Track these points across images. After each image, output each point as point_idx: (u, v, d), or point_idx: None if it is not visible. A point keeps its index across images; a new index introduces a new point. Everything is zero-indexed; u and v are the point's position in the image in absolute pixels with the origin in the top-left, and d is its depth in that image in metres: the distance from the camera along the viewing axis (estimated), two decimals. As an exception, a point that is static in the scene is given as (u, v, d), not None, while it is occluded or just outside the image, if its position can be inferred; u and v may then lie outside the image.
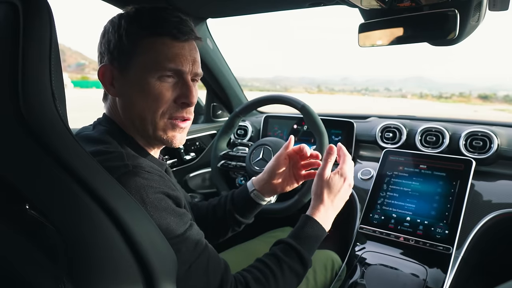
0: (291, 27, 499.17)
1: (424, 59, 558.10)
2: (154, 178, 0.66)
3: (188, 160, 1.57)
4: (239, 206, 0.98)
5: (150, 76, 0.69)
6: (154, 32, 0.69)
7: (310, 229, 0.81)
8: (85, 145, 0.67)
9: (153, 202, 0.63)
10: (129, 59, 0.70)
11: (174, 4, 1.26)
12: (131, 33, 0.69)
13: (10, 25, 0.46)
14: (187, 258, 0.65)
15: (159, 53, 0.69)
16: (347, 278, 1.08)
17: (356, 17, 1.04)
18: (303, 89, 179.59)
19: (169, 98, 0.71)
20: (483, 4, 0.85)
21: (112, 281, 0.49)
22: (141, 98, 0.70)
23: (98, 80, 0.73)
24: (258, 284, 0.72)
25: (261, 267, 0.75)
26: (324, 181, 0.85)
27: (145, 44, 0.69)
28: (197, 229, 0.71)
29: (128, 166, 0.64)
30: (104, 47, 0.72)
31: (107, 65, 0.72)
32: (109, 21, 0.73)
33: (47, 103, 0.47)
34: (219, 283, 0.68)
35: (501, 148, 1.21)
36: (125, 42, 0.69)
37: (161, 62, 0.69)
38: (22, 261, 0.45)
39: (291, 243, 0.78)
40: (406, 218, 1.15)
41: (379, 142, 1.42)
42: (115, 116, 0.75)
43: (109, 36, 0.71)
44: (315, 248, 0.82)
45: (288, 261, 0.76)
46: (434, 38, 0.94)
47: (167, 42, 0.70)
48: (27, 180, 0.47)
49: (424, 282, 1.01)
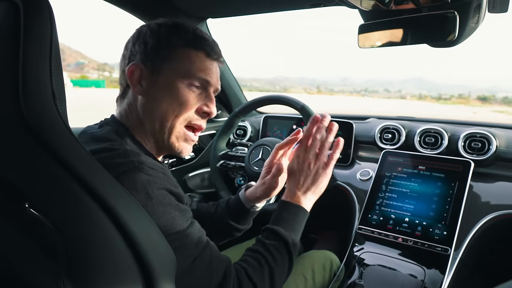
0: (291, 27, 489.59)
1: (424, 61, 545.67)
2: (158, 174, 0.67)
3: (187, 159, 1.57)
4: (235, 216, 1.00)
5: (180, 82, 0.75)
6: (190, 45, 0.76)
7: (285, 212, 0.81)
8: (90, 143, 0.70)
9: (158, 197, 0.65)
10: (163, 63, 0.75)
11: (175, 4, 1.26)
12: (170, 40, 0.75)
13: (11, 24, 0.46)
14: (191, 252, 0.67)
15: (193, 63, 0.76)
16: (346, 279, 1.08)
17: (356, 18, 1.05)
18: (302, 90, 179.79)
19: (192, 106, 0.77)
20: (482, 6, 0.85)
21: (111, 280, 0.49)
22: (167, 100, 0.75)
23: (98, 80, 0.73)
24: (253, 268, 0.74)
25: (251, 254, 0.77)
26: (295, 162, 0.84)
27: (181, 53, 0.76)
28: (198, 226, 0.73)
29: (134, 162, 0.65)
30: (139, 48, 0.76)
31: (138, 64, 0.75)
32: (145, 26, 0.78)
33: (48, 103, 0.47)
34: (223, 275, 0.70)
35: (500, 149, 1.21)
36: (163, 47, 0.75)
37: (192, 71, 0.76)
38: (21, 259, 0.45)
39: (270, 227, 0.80)
40: (405, 219, 1.15)
41: (378, 143, 1.42)
42: (125, 119, 0.78)
43: (146, 39, 0.76)
44: (297, 226, 0.81)
45: (272, 243, 0.78)
46: (434, 40, 0.95)
47: (201, 56, 0.77)
48: (27, 179, 0.47)
49: (422, 283, 1.01)
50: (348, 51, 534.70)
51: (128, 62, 0.76)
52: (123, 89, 0.80)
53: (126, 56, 0.78)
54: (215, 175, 1.41)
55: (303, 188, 0.82)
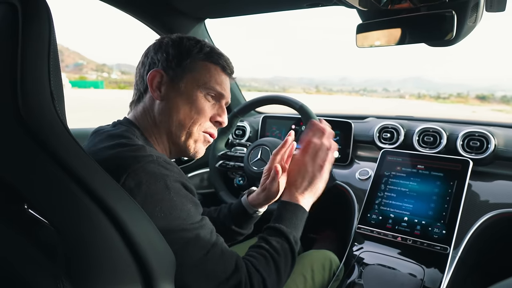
0: (290, 27, 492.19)
1: (423, 60, 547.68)
2: (174, 169, 0.70)
3: (187, 160, 1.57)
4: (238, 221, 1.02)
5: (199, 91, 0.82)
6: (210, 59, 0.83)
7: (285, 211, 0.84)
8: (105, 139, 0.73)
9: (176, 189, 0.68)
10: (184, 72, 0.81)
11: (173, 5, 1.26)
12: (191, 52, 0.82)
13: (9, 26, 0.46)
14: (205, 244, 0.69)
15: (211, 75, 0.83)
16: (345, 278, 1.08)
17: (354, 17, 1.05)
18: (301, 90, 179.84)
19: (207, 114, 0.84)
20: (480, 5, 0.85)
21: (111, 280, 0.49)
22: (185, 106, 0.81)
23: (96, 80, 0.74)
24: (259, 261, 0.76)
25: (256, 249, 0.79)
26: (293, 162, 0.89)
27: (201, 65, 0.82)
28: (209, 221, 0.75)
29: (153, 156, 0.68)
30: (161, 56, 0.82)
31: (159, 71, 0.81)
32: (166, 37, 0.85)
33: (46, 103, 0.47)
34: (234, 267, 0.71)
35: (498, 148, 1.21)
36: (185, 58, 0.81)
37: (211, 83, 0.83)
38: (20, 260, 0.45)
39: (272, 225, 0.83)
40: (404, 218, 1.15)
41: (377, 143, 1.42)
42: (139, 121, 0.83)
43: (168, 49, 0.82)
44: (297, 223, 0.84)
45: (275, 239, 0.80)
46: (432, 39, 0.95)
47: (218, 70, 0.84)
48: (26, 180, 0.47)
49: (422, 282, 1.01)
50: (346, 51, 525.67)
51: (148, 69, 0.82)
52: (139, 94, 0.85)
53: (146, 63, 0.83)
54: (214, 175, 1.41)
55: (300, 189, 0.85)
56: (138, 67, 0.86)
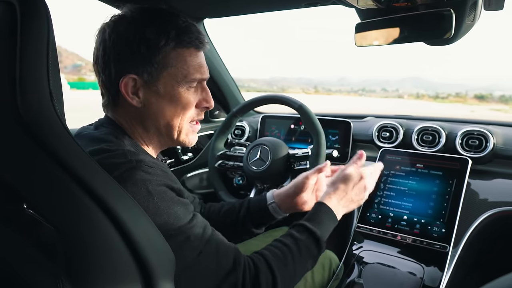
0: (288, 27, 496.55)
1: (421, 60, 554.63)
2: (157, 172, 0.67)
3: (186, 160, 1.57)
4: (253, 215, 1.00)
5: (180, 87, 0.74)
6: (181, 45, 0.73)
7: (323, 214, 0.83)
8: (88, 144, 0.69)
9: (159, 194, 0.65)
10: (158, 71, 0.72)
11: (172, 4, 1.26)
12: (160, 45, 0.71)
13: (8, 25, 0.46)
14: (197, 244, 0.67)
15: (188, 64, 0.74)
16: (345, 277, 1.08)
17: (353, 17, 1.05)
18: (300, 90, 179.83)
19: (193, 104, 0.78)
20: (478, 3, 0.86)
21: (111, 279, 0.49)
22: (170, 107, 0.75)
23: (95, 82, 0.73)
24: (277, 259, 0.74)
25: (279, 245, 0.77)
26: (343, 174, 0.89)
27: (174, 56, 0.72)
28: (201, 218, 0.73)
29: (132, 161, 0.65)
30: (125, 49, 0.70)
31: (132, 76, 0.71)
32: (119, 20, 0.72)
33: (45, 102, 0.47)
34: (232, 264, 0.70)
35: (497, 147, 1.22)
36: (155, 54, 0.71)
37: (190, 74, 0.74)
38: (20, 260, 0.45)
39: (306, 224, 0.81)
40: (403, 217, 1.15)
41: (376, 142, 1.43)
42: (121, 122, 0.76)
43: (132, 43, 0.70)
44: (328, 233, 0.83)
45: (304, 240, 0.78)
46: (430, 38, 0.95)
47: (192, 52, 0.75)
48: (25, 180, 0.47)
49: (421, 281, 1.01)
50: (345, 50, 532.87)
51: (115, 72, 0.71)
52: (112, 98, 0.75)
53: (108, 59, 0.71)
54: (214, 175, 1.41)
55: (342, 200, 0.87)
56: (96, 62, 0.74)
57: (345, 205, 0.88)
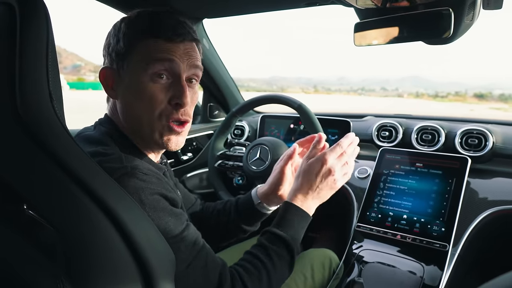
0: (287, 27, 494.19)
1: (421, 59, 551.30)
2: (152, 180, 0.66)
3: (185, 160, 1.57)
4: (244, 215, 1.00)
5: (142, 77, 0.70)
6: (149, 35, 0.70)
7: (291, 215, 0.81)
8: (85, 145, 0.69)
9: (151, 203, 0.64)
10: (125, 62, 0.71)
11: (171, 5, 1.26)
12: (128, 35, 0.70)
13: (7, 26, 0.46)
14: (186, 257, 0.66)
15: (150, 54, 0.69)
16: (345, 276, 1.08)
17: (352, 16, 1.05)
18: (299, 89, 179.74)
19: (163, 99, 0.71)
20: (477, 2, 0.86)
21: (111, 280, 0.49)
22: (137, 100, 0.71)
23: (94, 82, 0.74)
24: (250, 274, 0.73)
25: (250, 259, 0.76)
26: (303, 166, 0.86)
27: (139, 46, 0.70)
28: (194, 229, 0.72)
29: (127, 167, 0.64)
30: (105, 50, 0.74)
31: (107, 68, 0.73)
32: (113, 25, 0.74)
33: (44, 103, 0.47)
34: (218, 279, 0.69)
35: (496, 146, 1.22)
36: (121, 45, 0.70)
37: (151, 63, 0.69)
38: (20, 260, 0.45)
39: (275, 231, 0.79)
40: (403, 216, 1.15)
41: (375, 141, 1.43)
42: (116, 117, 0.76)
43: (110, 39, 0.73)
44: (300, 233, 0.82)
45: (275, 248, 0.77)
46: (429, 37, 0.95)
47: (160, 44, 0.70)
48: (25, 180, 0.47)
49: (421, 280, 1.01)
50: (344, 50, 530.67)
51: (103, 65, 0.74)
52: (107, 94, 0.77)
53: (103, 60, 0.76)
54: (213, 175, 1.41)
55: (309, 194, 0.84)
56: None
57: (316, 196, 0.84)
